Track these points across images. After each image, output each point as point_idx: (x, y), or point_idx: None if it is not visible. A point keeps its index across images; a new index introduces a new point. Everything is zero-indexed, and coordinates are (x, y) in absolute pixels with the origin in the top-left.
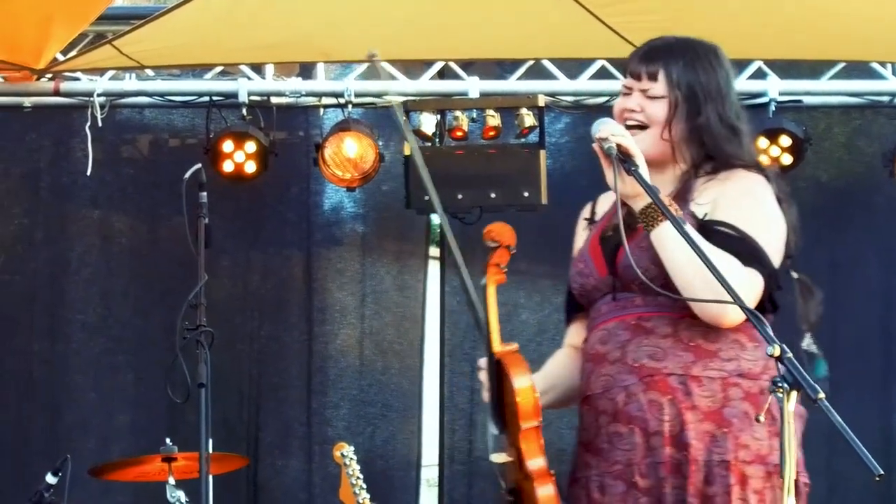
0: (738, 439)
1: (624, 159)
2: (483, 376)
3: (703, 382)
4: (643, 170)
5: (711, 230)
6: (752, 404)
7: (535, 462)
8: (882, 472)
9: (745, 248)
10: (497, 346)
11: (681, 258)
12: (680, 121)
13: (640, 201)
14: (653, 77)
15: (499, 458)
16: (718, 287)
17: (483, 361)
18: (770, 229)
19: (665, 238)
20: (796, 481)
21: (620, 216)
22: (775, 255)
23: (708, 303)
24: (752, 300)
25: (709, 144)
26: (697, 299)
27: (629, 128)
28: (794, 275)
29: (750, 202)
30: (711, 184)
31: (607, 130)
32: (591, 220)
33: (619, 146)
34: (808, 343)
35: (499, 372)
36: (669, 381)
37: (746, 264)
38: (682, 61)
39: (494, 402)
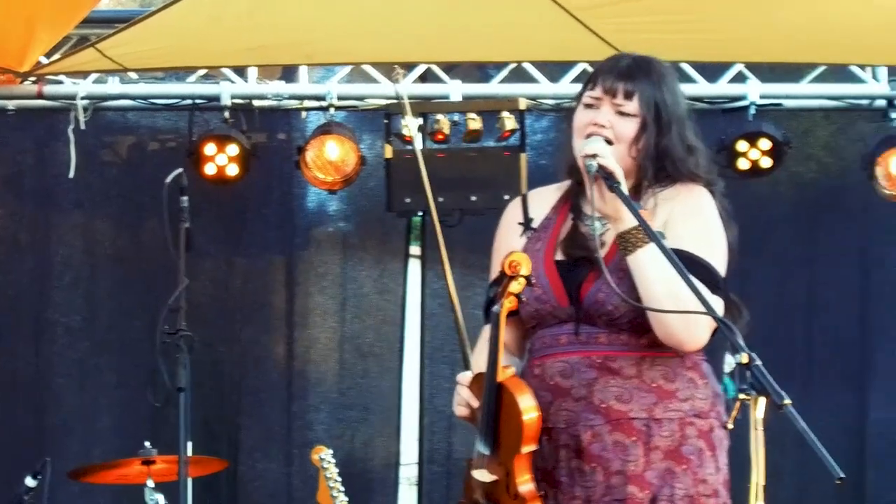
0: (696, 475)
1: (607, 176)
2: (465, 392)
3: (663, 423)
4: (624, 189)
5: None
6: (706, 441)
7: (527, 485)
8: (843, 476)
9: (709, 276)
10: (499, 370)
11: (657, 280)
12: (646, 140)
13: (621, 224)
14: (629, 96)
15: (483, 475)
16: (688, 309)
17: (463, 377)
18: (721, 251)
19: (644, 262)
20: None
21: (601, 254)
22: (724, 276)
23: (676, 326)
24: (711, 326)
25: (668, 164)
26: (674, 310)
27: None
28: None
29: (701, 224)
30: (658, 201)
31: (593, 148)
32: (526, 226)
33: (600, 165)
34: (728, 362)
35: (500, 395)
36: (634, 424)
37: (713, 292)
38: (653, 82)
39: (488, 424)
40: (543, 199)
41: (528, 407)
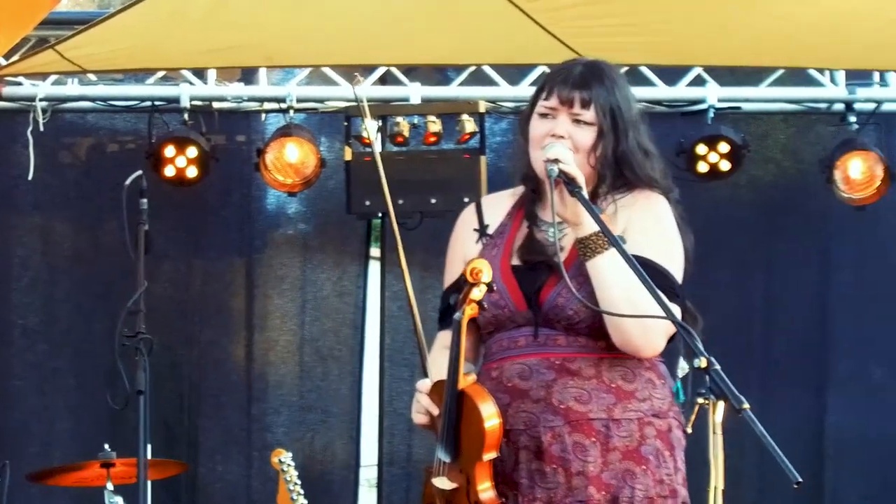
0: (654, 475)
1: (568, 181)
2: (425, 400)
3: (622, 424)
4: (585, 194)
5: None
6: (663, 441)
7: (488, 493)
8: (800, 480)
9: (667, 284)
10: (461, 377)
11: (616, 285)
12: (604, 147)
13: (581, 230)
14: (586, 105)
15: (443, 483)
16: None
17: (423, 384)
18: (678, 259)
19: (604, 267)
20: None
21: (561, 259)
22: (681, 284)
23: (633, 332)
24: (669, 333)
25: (626, 169)
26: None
27: None
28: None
29: (660, 232)
30: (617, 207)
31: (555, 153)
32: (482, 232)
33: (562, 170)
34: (681, 367)
35: (461, 402)
36: (594, 425)
37: (669, 299)
38: (607, 88)
39: (448, 432)
40: (498, 206)
41: (490, 414)
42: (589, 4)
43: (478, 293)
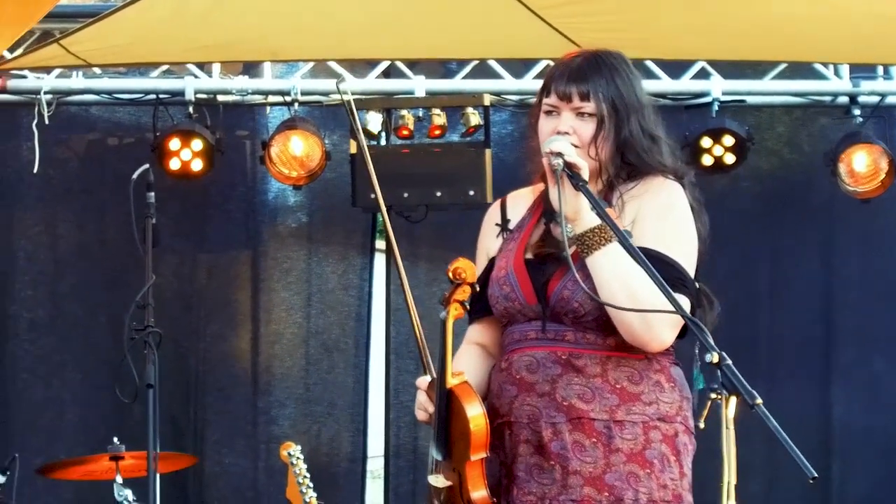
0: (658, 480)
1: (572, 175)
2: (423, 397)
3: (625, 426)
4: (590, 188)
5: None
6: (669, 446)
7: (480, 492)
8: (816, 475)
9: (673, 274)
10: (449, 376)
11: (615, 280)
12: (607, 137)
13: (580, 226)
14: (585, 97)
15: (437, 481)
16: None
17: (423, 381)
18: (689, 247)
19: (602, 263)
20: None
21: (569, 252)
22: (693, 273)
23: (637, 326)
24: (679, 324)
25: (632, 157)
26: (642, 310)
27: None
28: (697, 285)
29: (670, 220)
30: (627, 197)
31: (558, 146)
32: (503, 227)
33: (566, 163)
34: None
35: (450, 402)
36: (595, 426)
37: (676, 290)
38: (605, 77)
39: (440, 430)
40: (521, 201)
41: (475, 415)
42: (592, 1)
43: (461, 294)
